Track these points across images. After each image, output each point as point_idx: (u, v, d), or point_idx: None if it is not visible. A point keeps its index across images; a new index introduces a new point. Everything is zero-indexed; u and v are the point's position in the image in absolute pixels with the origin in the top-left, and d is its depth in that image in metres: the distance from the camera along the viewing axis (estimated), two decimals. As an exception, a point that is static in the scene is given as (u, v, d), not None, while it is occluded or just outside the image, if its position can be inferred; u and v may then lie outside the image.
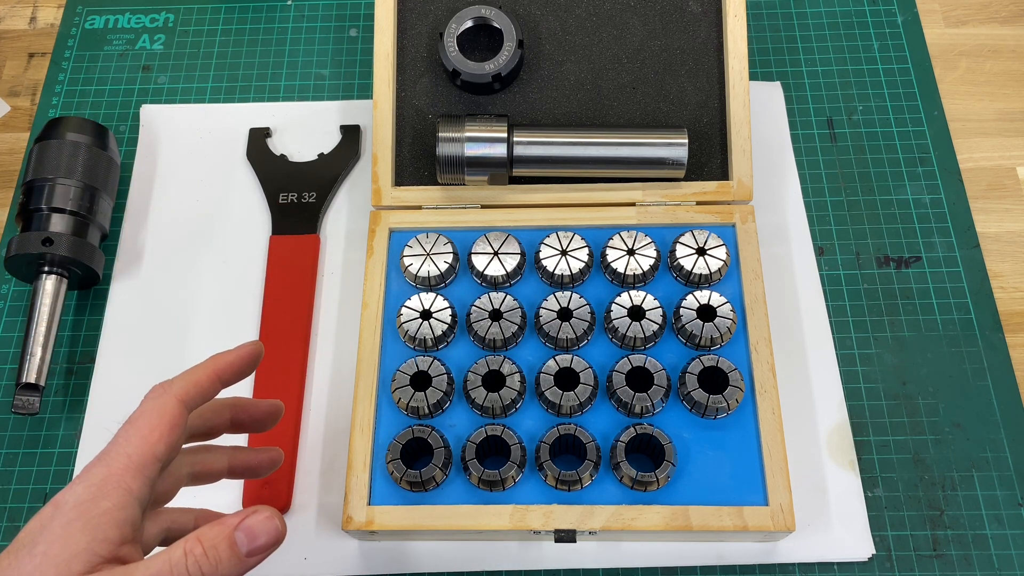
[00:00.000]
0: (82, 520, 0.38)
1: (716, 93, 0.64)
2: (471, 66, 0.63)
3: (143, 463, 0.40)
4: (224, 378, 0.45)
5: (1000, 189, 0.70)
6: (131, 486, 0.40)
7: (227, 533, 0.39)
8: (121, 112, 0.75)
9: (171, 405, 0.42)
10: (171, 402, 0.42)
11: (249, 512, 0.40)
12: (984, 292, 0.65)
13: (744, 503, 0.54)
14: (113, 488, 0.39)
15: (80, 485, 0.40)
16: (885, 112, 0.72)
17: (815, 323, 0.64)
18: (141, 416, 0.42)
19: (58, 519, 0.38)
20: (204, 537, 0.39)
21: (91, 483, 0.40)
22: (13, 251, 0.62)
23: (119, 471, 0.40)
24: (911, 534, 0.57)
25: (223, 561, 0.39)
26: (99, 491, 0.39)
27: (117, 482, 0.39)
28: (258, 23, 0.79)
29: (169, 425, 0.42)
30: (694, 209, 0.63)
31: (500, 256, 0.61)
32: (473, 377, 0.57)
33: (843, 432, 0.60)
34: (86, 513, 0.38)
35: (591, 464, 0.54)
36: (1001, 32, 0.77)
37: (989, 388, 0.62)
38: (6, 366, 0.65)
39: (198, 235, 0.69)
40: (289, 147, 0.72)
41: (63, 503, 0.39)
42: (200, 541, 0.39)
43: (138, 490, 0.40)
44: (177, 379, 0.44)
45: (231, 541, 0.39)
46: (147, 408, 0.42)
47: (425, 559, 0.57)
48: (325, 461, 0.60)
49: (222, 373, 0.45)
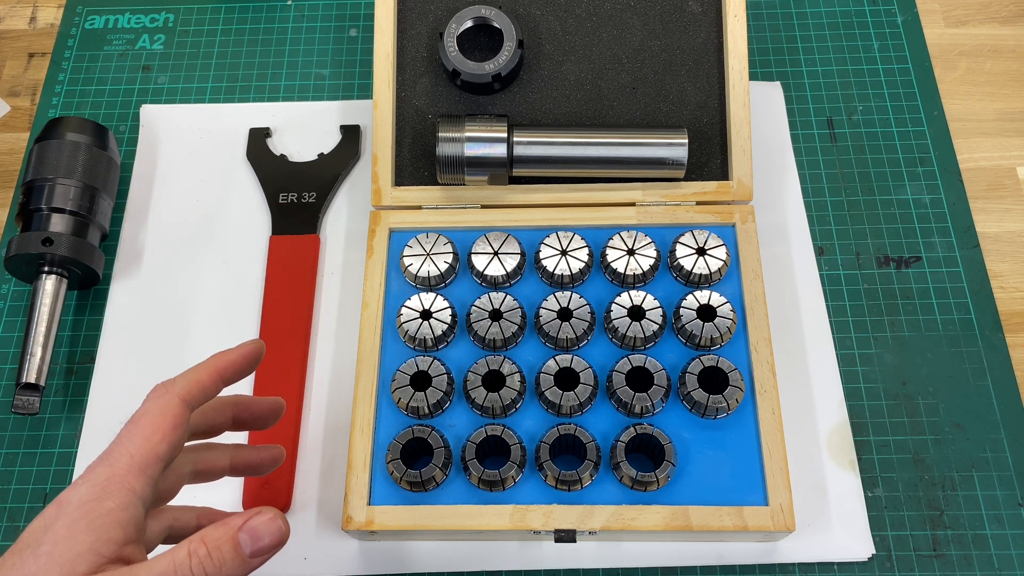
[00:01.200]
0: (86, 520, 0.38)
1: (716, 93, 0.64)
2: (471, 66, 0.63)
3: (146, 463, 0.40)
4: (226, 377, 0.45)
5: (1000, 189, 0.70)
6: (134, 486, 0.40)
7: (231, 534, 0.40)
8: (121, 112, 0.75)
9: (173, 404, 0.42)
10: (173, 401, 0.42)
11: (253, 513, 0.40)
12: (984, 292, 0.65)
13: (744, 503, 0.54)
14: (116, 488, 0.39)
15: (84, 485, 0.40)
16: (885, 112, 0.72)
17: (815, 323, 0.64)
18: (143, 416, 0.42)
19: (62, 519, 0.38)
20: (208, 538, 0.39)
21: (94, 483, 0.39)
22: (13, 251, 0.62)
23: (122, 471, 0.40)
24: (911, 534, 0.57)
25: (227, 562, 0.39)
26: (102, 491, 0.39)
27: (120, 482, 0.39)
28: (258, 23, 0.79)
29: (171, 425, 0.42)
30: (694, 209, 0.63)
31: (500, 256, 0.61)
32: (473, 377, 0.57)
33: (843, 432, 0.60)
34: (90, 513, 0.38)
35: (591, 464, 0.54)
36: (1001, 32, 0.77)
37: (989, 388, 0.62)
38: (6, 366, 0.65)
39: (198, 235, 0.69)
40: (289, 147, 0.72)
41: (67, 503, 0.39)
42: (204, 542, 0.39)
43: (141, 490, 0.40)
44: (179, 378, 0.44)
45: (235, 542, 0.39)
46: (149, 408, 0.42)
47: (425, 559, 0.57)
48: (325, 461, 0.60)
49: (224, 372, 0.45)
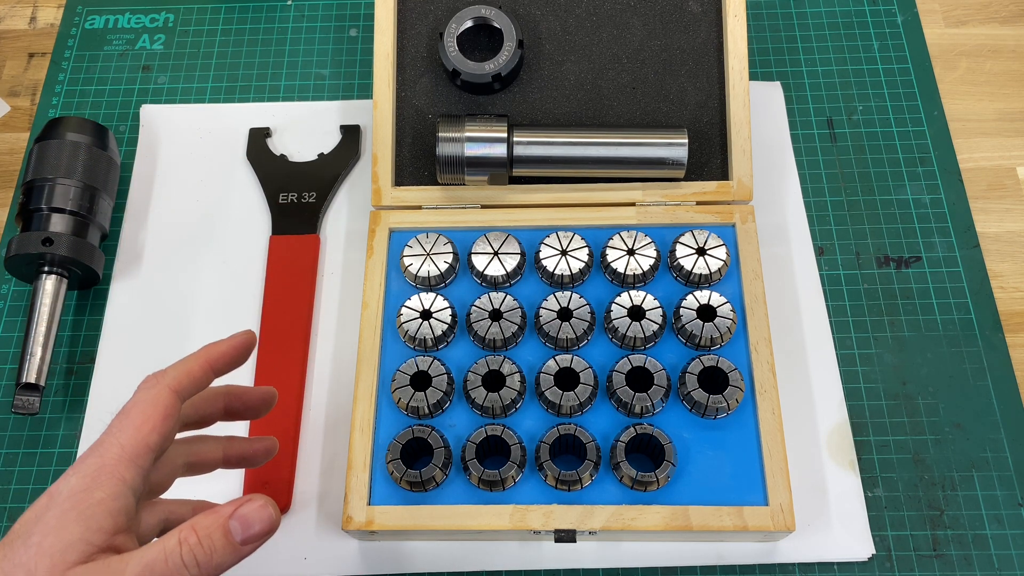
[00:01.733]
0: (76, 510, 0.38)
1: (716, 93, 0.64)
2: (471, 66, 0.63)
3: (136, 453, 0.40)
4: (217, 368, 0.45)
5: (1000, 189, 0.70)
6: (124, 476, 0.40)
7: (221, 522, 0.40)
8: (121, 112, 0.75)
9: (164, 395, 0.42)
10: (164, 392, 0.42)
11: (244, 500, 0.40)
12: (984, 292, 0.65)
13: (744, 503, 0.54)
14: (107, 478, 0.39)
15: (74, 476, 0.40)
16: (885, 112, 0.72)
17: (815, 323, 0.64)
18: (134, 407, 0.42)
19: (52, 510, 0.39)
20: (199, 526, 0.39)
21: (85, 473, 0.40)
22: (13, 251, 0.62)
23: (113, 461, 0.40)
24: (911, 534, 0.57)
25: (217, 550, 0.39)
26: (93, 481, 0.39)
27: (111, 472, 0.40)
28: (258, 23, 0.79)
29: (162, 415, 0.42)
30: (694, 209, 0.63)
31: (500, 256, 0.61)
32: (473, 377, 0.57)
33: (843, 432, 0.60)
34: (80, 503, 0.39)
35: (591, 464, 0.54)
36: (1001, 32, 0.77)
37: (989, 388, 0.62)
38: (6, 366, 0.65)
39: (198, 235, 0.69)
40: (289, 147, 0.72)
41: (57, 494, 0.39)
42: (195, 530, 0.39)
43: (132, 480, 0.40)
44: (170, 369, 0.44)
45: (225, 529, 0.39)
46: (140, 399, 0.42)
47: (425, 559, 0.57)
48: (325, 461, 0.60)
49: (215, 363, 0.45)
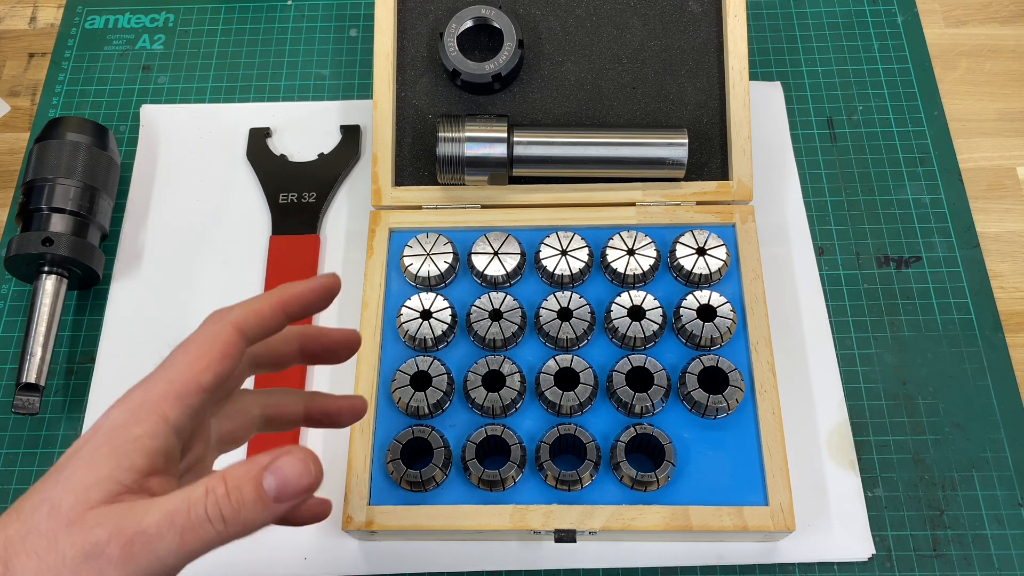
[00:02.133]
0: (110, 445, 0.35)
1: (716, 93, 0.64)
2: (471, 66, 0.63)
3: (186, 391, 0.37)
4: (290, 311, 0.41)
5: (1000, 189, 0.70)
6: (167, 414, 0.36)
7: (255, 473, 0.35)
8: (121, 112, 0.75)
9: (226, 332, 0.38)
10: (227, 329, 0.38)
11: (282, 452, 0.35)
12: (984, 292, 0.65)
13: (744, 503, 0.54)
14: (147, 414, 0.36)
15: (116, 409, 0.36)
16: (885, 112, 0.72)
17: (815, 323, 0.64)
18: (192, 341, 0.38)
19: (90, 443, 0.35)
20: (229, 476, 0.34)
21: (127, 407, 0.36)
22: (13, 251, 0.62)
23: (157, 397, 0.36)
24: (911, 534, 0.57)
25: (247, 504, 0.34)
26: (132, 416, 0.36)
27: (152, 408, 0.36)
28: (258, 23, 0.79)
29: (221, 353, 0.38)
30: (694, 209, 0.63)
31: (500, 256, 0.61)
32: (473, 377, 0.57)
33: (843, 432, 0.60)
34: (116, 439, 0.35)
35: (591, 464, 0.54)
36: (1001, 32, 0.77)
37: (989, 388, 0.62)
38: (6, 366, 0.65)
39: (198, 235, 0.69)
40: (289, 147, 0.72)
41: (99, 427, 0.36)
42: (224, 480, 0.34)
43: (176, 419, 0.36)
44: (237, 306, 0.39)
45: (257, 482, 0.34)
46: (200, 333, 0.38)
47: (425, 559, 0.57)
48: (325, 461, 0.60)
49: (288, 305, 0.40)
